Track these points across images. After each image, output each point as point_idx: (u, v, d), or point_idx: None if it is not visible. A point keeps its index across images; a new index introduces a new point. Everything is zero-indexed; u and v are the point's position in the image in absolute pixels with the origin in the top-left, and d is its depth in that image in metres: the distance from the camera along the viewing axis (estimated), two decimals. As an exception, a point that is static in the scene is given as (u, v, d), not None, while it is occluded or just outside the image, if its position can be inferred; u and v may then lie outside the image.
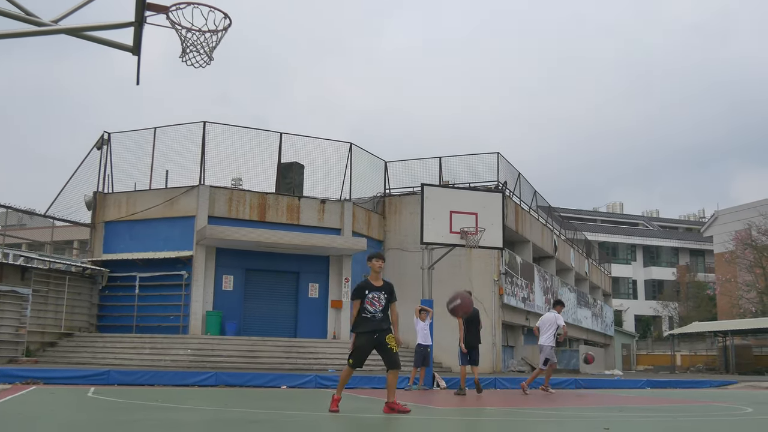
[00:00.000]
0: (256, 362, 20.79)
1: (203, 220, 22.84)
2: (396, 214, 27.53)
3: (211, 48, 8.28)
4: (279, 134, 24.59)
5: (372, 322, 8.76)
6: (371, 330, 8.73)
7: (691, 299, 62.59)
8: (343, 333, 24.34)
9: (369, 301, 8.84)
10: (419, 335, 16.03)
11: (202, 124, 23.60)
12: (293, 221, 24.38)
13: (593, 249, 48.08)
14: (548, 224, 34.28)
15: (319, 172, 25.92)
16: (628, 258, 72.10)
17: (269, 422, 7.51)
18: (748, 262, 49.68)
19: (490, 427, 7.91)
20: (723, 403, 12.86)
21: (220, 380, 15.96)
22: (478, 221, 17.60)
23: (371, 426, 7.53)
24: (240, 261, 23.74)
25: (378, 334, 8.77)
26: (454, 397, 13.52)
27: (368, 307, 8.82)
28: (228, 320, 22.87)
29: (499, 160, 26.57)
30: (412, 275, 24.10)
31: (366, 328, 8.75)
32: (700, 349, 51.47)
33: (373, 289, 8.95)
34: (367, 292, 8.88)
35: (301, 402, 11.16)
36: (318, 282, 24.92)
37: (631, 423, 8.30)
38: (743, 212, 56.20)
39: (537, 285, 30.25)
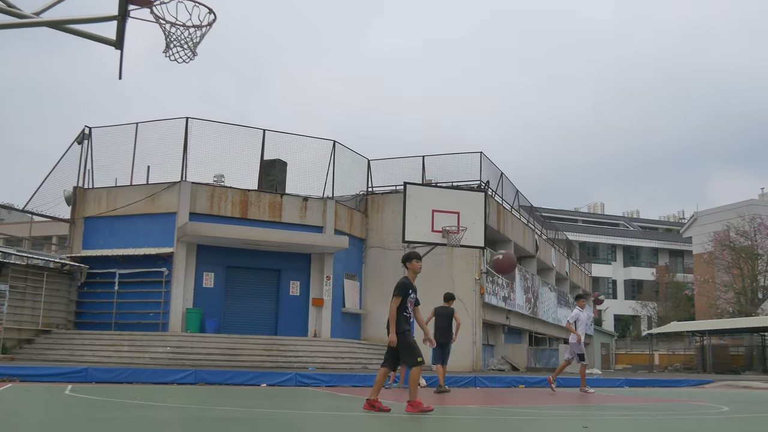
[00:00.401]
0: (236, 360, 20.71)
1: (184, 216, 22.71)
2: (378, 213, 27.52)
3: (195, 43, 8.24)
4: (262, 131, 24.50)
5: (407, 322, 8.71)
6: (408, 329, 8.70)
7: (669, 299, 63.05)
8: (323, 331, 24.31)
9: (410, 300, 8.73)
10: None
11: (185, 120, 23.46)
12: (275, 218, 24.30)
13: (574, 249, 48.32)
14: (530, 224, 34.41)
15: (302, 170, 25.86)
16: (609, 258, 72.53)
17: (248, 420, 7.48)
18: (726, 263, 50.09)
19: (469, 426, 7.93)
20: (700, 401, 12.97)
21: (199, 378, 15.88)
22: (460, 220, 17.63)
23: (351, 424, 7.51)
24: (221, 258, 23.63)
25: (407, 333, 8.73)
26: (434, 395, 13.52)
27: (408, 306, 8.70)
28: (208, 318, 22.75)
29: (481, 159, 26.62)
30: (394, 274, 24.09)
31: (407, 327, 8.69)
32: (678, 349, 51.86)
33: (413, 289, 8.83)
34: (411, 291, 8.74)
35: (280, 400, 11.12)
36: (299, 280, 24.86)
37: (609, 421, 8.34)
38: (722, 213, 56.68)
39: (518, 284, 30.36)
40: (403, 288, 8.65)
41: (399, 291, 8.62)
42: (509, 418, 8.85)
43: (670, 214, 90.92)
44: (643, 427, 7.71)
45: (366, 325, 26.86)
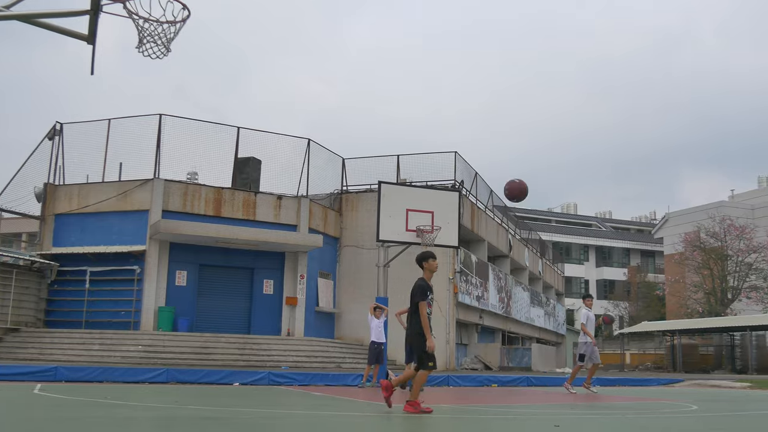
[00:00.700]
0: (209, 359, 20.59)
1: (157, 214, 22.53)
2: (353, 211, 27.49)
3: (168, 39, 8.16)
4: (236, 129, 24.38)
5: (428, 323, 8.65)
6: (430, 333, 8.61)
7: (641, 299, 63.67)
8: (297, 330, 24.23)
9: (429, 302, 8.71)
10: (373, 333, 16.03)
11: (158, 117, 23.27)
12: (249, 217, 24.19)
13: (547, 249, 48.60)
14: (503, 224, 34.56)
15: (276, 168, 25.76)
16: (581, 258, 73.08)
17: (219, 419, 7.43)
18: (696, 264, 50.66)
19: (442, 425, 7.93)
20: (670, 400, 13.09)
21: (171, 377, 15.77)
22: (434, 219, 17.63)
23: (323, 423, 7.49)
24: (194, 256, 23.47)
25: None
26: (406, 395, 13.53)
27: (428, 308, 8.71)
28: (181, 316, 22.59)
29: (456, 159, 26.69)
30: (368, 273, 24.11)
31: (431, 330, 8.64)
32: (648, 348, 52.32)
33: (431, 290, 8.82)
34: (429, 293, 8.73)
35: (253, 399, 11.06)
36: (273, 278, 24.76)
37: (581, 420, 8.39)
38: (693, 215, 57.35)
39: (491, 284, 30.47)
40: (424, 291, 8.66)
41: (421, 295, 8.61)
42: (482, 417, 8.88)
43: (642, 215, 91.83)
44: (614, 425, 7.76)
45: (340, 324, 26.82)
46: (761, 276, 48.56)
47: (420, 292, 8.60)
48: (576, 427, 7.43)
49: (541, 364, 30.76)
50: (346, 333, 26.40)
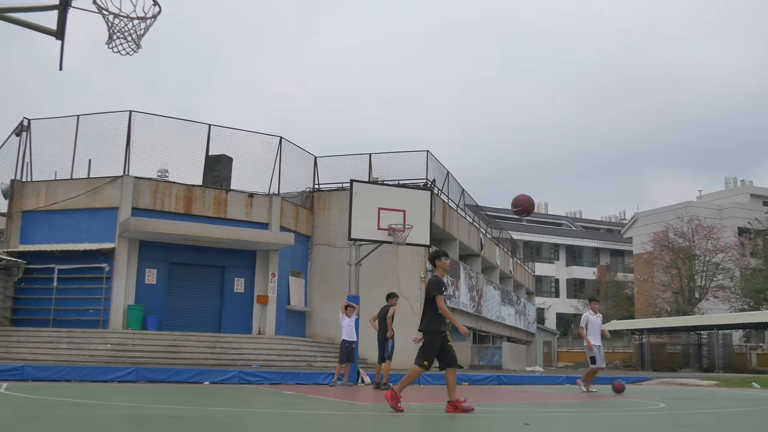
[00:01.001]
0: (178, 357, 20.45)
1: (127, 211, 22.32)
2: (324, 210, 27.44)
3: (139, 35, 8.07)
4: (207, 126, 24.21)
5: (444, 322, 8.68)
6: (444, 329, 8.66)
7: (610, 298, 64.29)
8: (268, 328, 24.14)
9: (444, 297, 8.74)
10: (344, 331, 16.03)
11: (128, 114, 23.05)
12: (220, 215, 24.05)
13: (518, 248, 48.89)
14: (475, 223, 34.69)
15: (247, 166, 25.62)
16: (552, 257, 73.63)
17: (188, 418, 7.39)
18: (664, 263, 51.24)
19: (411, 424, 7.95)
20: (638, 398, 13.24)
21: (140, 376, 15.64)
22: (406, 218, 17.65)
23: (293, 422, 7.48)
24: (164, 254, 23.29)
25: (445, 332, 8.71)
26: (378, 393, 13.56)
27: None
28: (150, 314, 22.41)
29: (428, 158, 26.74)
30: (340, 271, 24.07)
31: (441, 327, 8.64)
32: (617, 347, 52.87)
33: (445, 287, 8.85)
34: (444, 289, 8.73)
35: (223, 398, 11.01)
36: (244, 277, 24.65)
37: (550, 418, 8.46)
38: (661, 215, 58.03)
39: (462, 283, 30.58)
40: (440, 286, 8.67)
41: (439, 289, 8.63)
42: (452, 416, 8.91)
43: (612, 215, 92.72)
44: (583, 423, 7.84)
45: (311, 322, 26.77)
46: (728, 275, 49.25)
47: (436, 286, 8.66)
48: (545, 426, 7.49)
49: (512, 363, 30.94)
50: (318, 332, 26.36)
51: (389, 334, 14.81)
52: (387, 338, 14.83)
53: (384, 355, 14.86)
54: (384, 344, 14.86)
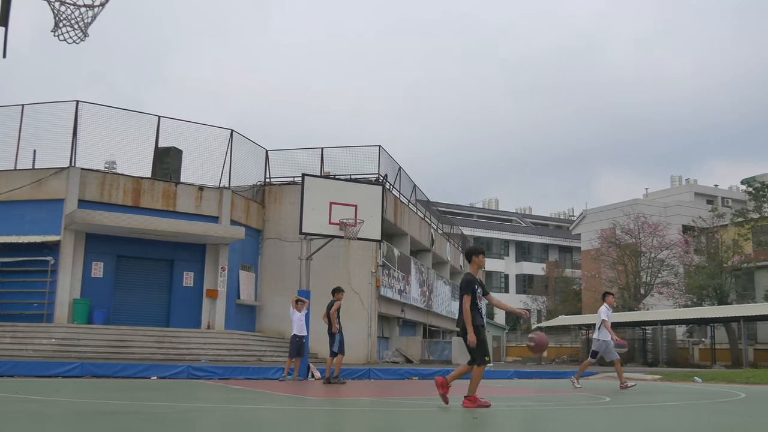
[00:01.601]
0: (125, 352, 20.14)
1: (73, 203, 21.89)
2: (276, 204, 27.28)
3: (86, 24, 7.90)
4: (157, 117, 23.87)
5: (481, 316, 8.80)
6: (482, 324, 8.77)
7: (558, 294, 65.17)
8: (217, 323, 23.92)
9: (478, 296, 8.79)
10: (295, 326, 15.97)
11: (75, 104, 22.59)
12: (169, 208, 23.73)
13: (468, 243, 49.25)
14: (426, 218, 34.85)
15: (197, 158, 25.31)
16: (502, 253, 74.29)
17: (134, 414, 7.29)
18: (611, 260, 52.07)
19: (362, 417, 7.96)
20: (584, 392, 13.44)
21: (86, 371, 15.38)
22: (357, 213, 17.66)
23: (242, 416, 7.42)
24: (111, 247, 22.90)
25: (482, 328, 8.80)
26: (328, 387, 13.55)
27: (477, 302, 8.77)
28: (96, 308, 22.02)
29: (380, 153, 26.75)
30: (290, 265, 23.99)
31: (481, 322, 8.77)
32: (565, 342, 53.63)
33: (478, 283, 8.85)
34: (476, 287, 8.77)
35: (170, 393, 10.88)
36: (193, 270, 24.38)
37: (499, 412, 8.54)
38: (609, 212, 58.97)
39: (413, 277, 30.71)
40: (470, 285, 8.68)
41: (467, 289, 8.67)
42: (401, 410, 8.95)
43: (561, 212, 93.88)
44: (531, 417, 7.93)
45: (261, 317, 26.62)
46: (672, 272, 50.25)
47: (466, 286, 8.69)
48: (492, 419, 7.57)
49: (462, 357, 31.11)
50: (268, 326, 26.21)
51: (334, 329, 14.77)
52: (333, 333, 14.79)
53: (332, 349, 14.84)
54: (332, 337, 14.83)
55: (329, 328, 14.86)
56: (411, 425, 6.99)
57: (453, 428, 6.73)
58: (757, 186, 45.39)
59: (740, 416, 8.64)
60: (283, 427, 6.49)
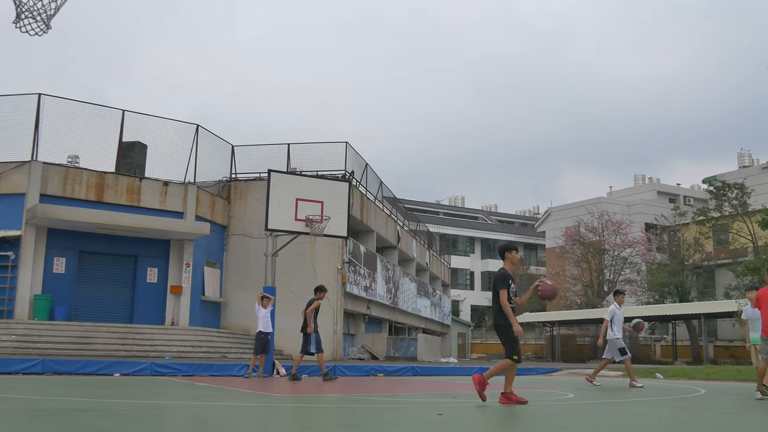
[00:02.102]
0: (88, 349, 19.89)
1: (34, 198, 21.55)
2: (241, 200, 27.12)
3: (48, 15, 7.78)
4: (121, 111, 23.58)
5: (514, 311, 8.81)
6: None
7: (523, 291, 65.59)
8: (182, 319, 23.72)
9: (512, 291, 8.80)
10: (260, 322, 15.92)
11: (37, 96, 22.23)
12: (133, 203, 23.48)
13: (434, 240, 49.39)
14: (392, 215, 34.87)
15: (162, 154, 25.04)
16: (467, 250, 74.60)
17: (97, 411, 7.20)
18: (575, 257, 52.62)
19: (327, 414, 7.96)
20: (548, 389, 13.57)
21: (47, 368, 15.17)
22: (323, 209, 17.63)
23: (205, 413, 7.38)
24: (74, 243, 22.60)
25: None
26: (293, 384, 13.52)
27: (512, 297, 8.80)
28: (58, 305, 21.72)
29: (347, 149, 26.70)
30: (256, 262, 23.86)
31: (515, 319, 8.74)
32: (529, 338, 54.08)
33: (513, 280, 8.85)
34: (511, 282, 8.78)
35: (133, 390, 10.77)
36: (157, 267, 24.15)
37: (463, 409, 8.58)
38: (573, 210, 59.54)
39: (379, 274, 30.73)
40: (505, 279, 8.71)
41: (503, 283, 8.68)
42: (367, 407, 8.95)
43: (526, 209, 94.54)
44: (495, 413, 7.98)
45: (226, 313, 26.45)
46: (635, 270, 50.92)
47: (502, 279, 8.71)
48: (458, 416, 7.60)
49: (427, 354, 31.28)
50: (233, 322, 26.07)
51: (309, 329, 14.62)
52: (307, 333, 14.64)
53: (308, 349, 14.66)
54: (306, 338, 14.66)
55: (303, 326, 14.69)
56: (376, 422, 7.00)
57: (415, 425, 6.75)
58: (717, 185, 46.15)
59: (699, 412, 8.78)
60: (247, 425, 6.47)
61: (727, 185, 45.34)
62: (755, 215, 39.81)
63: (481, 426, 6.92)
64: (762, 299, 10.41)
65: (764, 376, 10.54)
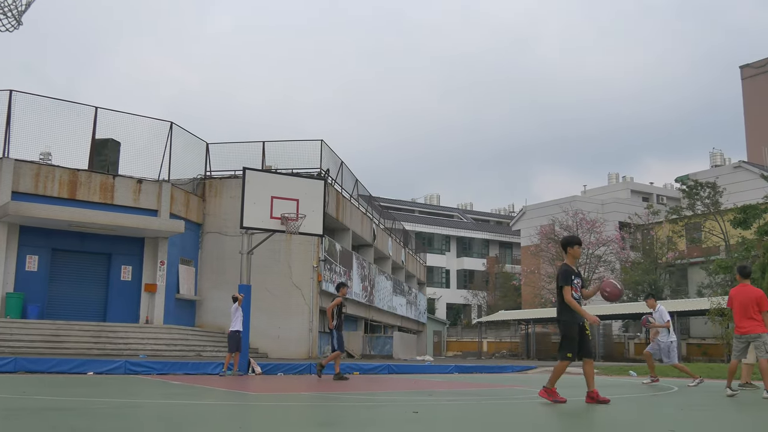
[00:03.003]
0: (61, 347, 19.71)
1: (6, 195, 21.30)
2: (216, 197, 27.00)
3: (20, 11, 7.72)
4: (94, 108, 23.36)
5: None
6: (579, 319, 8.58)
7: (498, 289, 65.94)
8: (156, 318, 23.57)
9: (575, 287, 8.63)
10: (236, 321, 15.89)
11: (8, 93, 21.97)
12: (107, 200, 23.28)
13: (410, 239, 49.46)
14: (368, 213, 34.89)
15: (136, 151, 24.85)
16: (443, 248, 74.81)
17: (69, 410, 7.15)
18: (550, 255, 52.91)
19: (303, 412, 7.96)
20: (523, 386, 13.66)
21: (19, 366, 15.03)
22: (299, 207, 17.62)
23: (177, 411, 7.35)
24: (46, 240, 22.38)
25: (582, 321, 8.62)
26: (268, 382, 13.49)
27: (574, 294, 8.60)
28: (30, 303, 21.50)
29: (322, 147, 26.66)
30: (231, 260, 23.78)
31: (575, 317, 8.56)
32: (505, 336, 54.35)
33: (575, 274, 8.78)
34: (574, 277, 8.68)
35: (107, 389, 10.70)
36: (131, 264, 23.97)
37: (439, 406, 8.62)
38: (548, 208, 59.93)
39: (355, 272, 30.73)
40: (568, 275, 8.65)
41: (565, 279, 8.62)
42: (343, 405, 8.96)
43: (501, 208, 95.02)
44: (470, 411, 8.03)
45: (201, 311, 26.32)
46: (609, 268, 51.32)
47: (564, 276, 8.65)
48: (433, 413, 7.64)
49: (402, 352, 31.34)
50: (208, 321, 25.95)
51: (330, 325, 15.06)
52: (330, 329, 15.11)
53: (332, 345, 15.13)
54: (330, 335, 15.22)
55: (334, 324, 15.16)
56: (352, 419, 7.01)
57: (391, 423, 6.77)
58: (690, 184, 46.67)
59: (672, 408, 8.89)
60: (222, 423, 6.45)
61: (700, 184, 45.86)
62: (727, 214, 40.32)
63: (456, 423, 6.95)
64: (734, 299, 10.54)
65: (734, 373, 10.70)
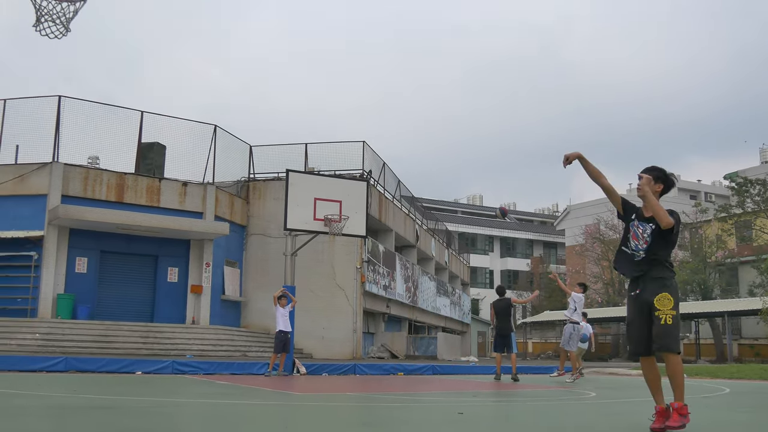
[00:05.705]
0: (110, 347, 20.05)
1: (56, 199, 21.77)
2: (260, 199, 27.23)
3: (68, 18, 7.86)
4: (140, 113, 23.75)
5: (629, 265, 5.83)
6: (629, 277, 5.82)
7: (543, 289, 65.38)
8: (202, 318, 23.86)
9: (633, 231, 5.87)
10: (279, 321, 15.98)
11: (57, 99, 22.45)
12: (153, 203, 23.64)
13: (453, 239, 49.31)
14: (411, 214, 34.86)
15: (181, 154, 25.19)
16: (486, 249, 74.41)
17: (118, 408, 7.27)
18: (596, 255, 52.33)
19: (347, 412, 7.98)
20: (569, 388, 13.52)
21: (70, 365, 15.32)
22: (342, 209, 17.67)
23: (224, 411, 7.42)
24: (95, 243, 22.80)
25: (641, 287, 5.72)
26: (312, 383, 13.55)
27: (630, 240, 5.86)
28: (81, 304, 21.92)
29: (364, 148, 26.73)
30: (275, 261, 23.95)
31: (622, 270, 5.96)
32: (550, 337, 53.87)
33: (641, 218, 5.86)
34: (635, 216, 5.92)
35: (154, 388, 10.86)
36: (178, 266, 24.30)
37: (484, 407, 8.59)
38: (593, 207, 59.19)
39: (398, 273, 30.73)
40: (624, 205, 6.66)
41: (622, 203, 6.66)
42: (387, 405, 8.97)
43: (545, 207, 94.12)
44: (515, 412, 7.98)
45: (246, 312, 26.58)
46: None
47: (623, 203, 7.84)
48: (479, 414, 7.61)
49: (447, 353, 31.26)
50: (253, 321, 26.18)
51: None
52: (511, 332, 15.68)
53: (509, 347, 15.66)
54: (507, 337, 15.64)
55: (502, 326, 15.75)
56: (396, 420, 7.01)
57: (435, 423, 6.75)
58: (739, 181, 45.67)
59: (725, 411, 8.73)
60: (267, 423, 6.50)
61: (749, 181, 44.88)
62: (779, 211, 39.43)
63: (502, 423, 6.92)
64: None
65: None
